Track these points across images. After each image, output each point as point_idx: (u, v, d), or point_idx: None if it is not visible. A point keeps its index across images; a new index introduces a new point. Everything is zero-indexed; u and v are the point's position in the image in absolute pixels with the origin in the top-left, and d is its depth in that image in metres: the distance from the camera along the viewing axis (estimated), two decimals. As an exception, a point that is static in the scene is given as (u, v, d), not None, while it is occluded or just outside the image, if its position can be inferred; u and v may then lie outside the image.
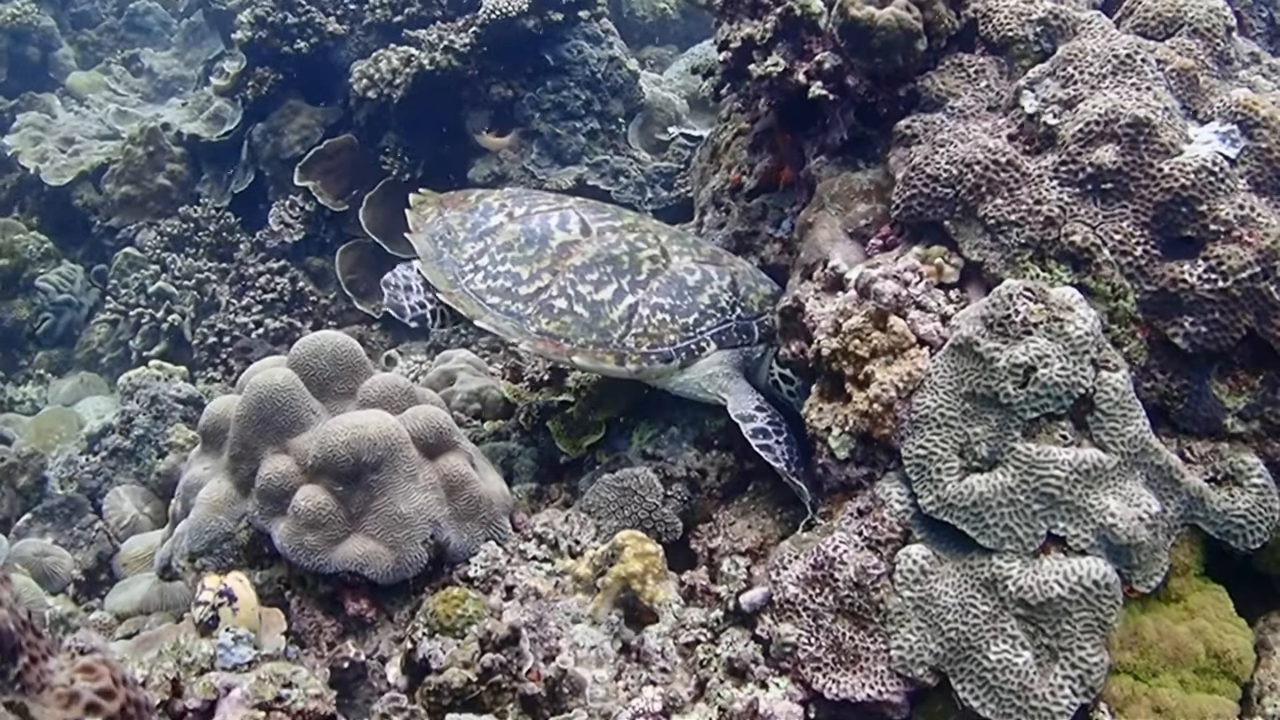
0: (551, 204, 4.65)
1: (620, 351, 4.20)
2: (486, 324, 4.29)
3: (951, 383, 3.32)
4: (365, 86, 7.64)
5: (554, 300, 4.26)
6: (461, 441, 4.04)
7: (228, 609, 3.27)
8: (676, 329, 4.22)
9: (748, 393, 4.25)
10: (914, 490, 3.34)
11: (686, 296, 4.27)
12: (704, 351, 4.23)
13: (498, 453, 4.84)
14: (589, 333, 4.21)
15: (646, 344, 4.20)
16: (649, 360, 4.19)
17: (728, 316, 4.30)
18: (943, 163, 3.70)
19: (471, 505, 3.93)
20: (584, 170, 7.63)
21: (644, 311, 4.23)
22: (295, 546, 3.70)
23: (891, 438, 3.40)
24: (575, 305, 4.24)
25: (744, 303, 4.34)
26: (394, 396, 4.08)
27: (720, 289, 4.32)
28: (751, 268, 4.58)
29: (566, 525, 4.09)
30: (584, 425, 4.71)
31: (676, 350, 4.21)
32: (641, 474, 4.17)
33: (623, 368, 4.19)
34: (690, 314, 4.25)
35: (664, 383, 4.35)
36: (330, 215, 8.06)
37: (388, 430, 3.78)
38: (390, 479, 3.76)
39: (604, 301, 4.24)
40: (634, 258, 4.33)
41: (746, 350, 4.35)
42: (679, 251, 4.42)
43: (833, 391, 3.61)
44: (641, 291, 4.26)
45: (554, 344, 4.22)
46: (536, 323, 4.23)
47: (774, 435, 4.05)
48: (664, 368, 4.21)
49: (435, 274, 4.45)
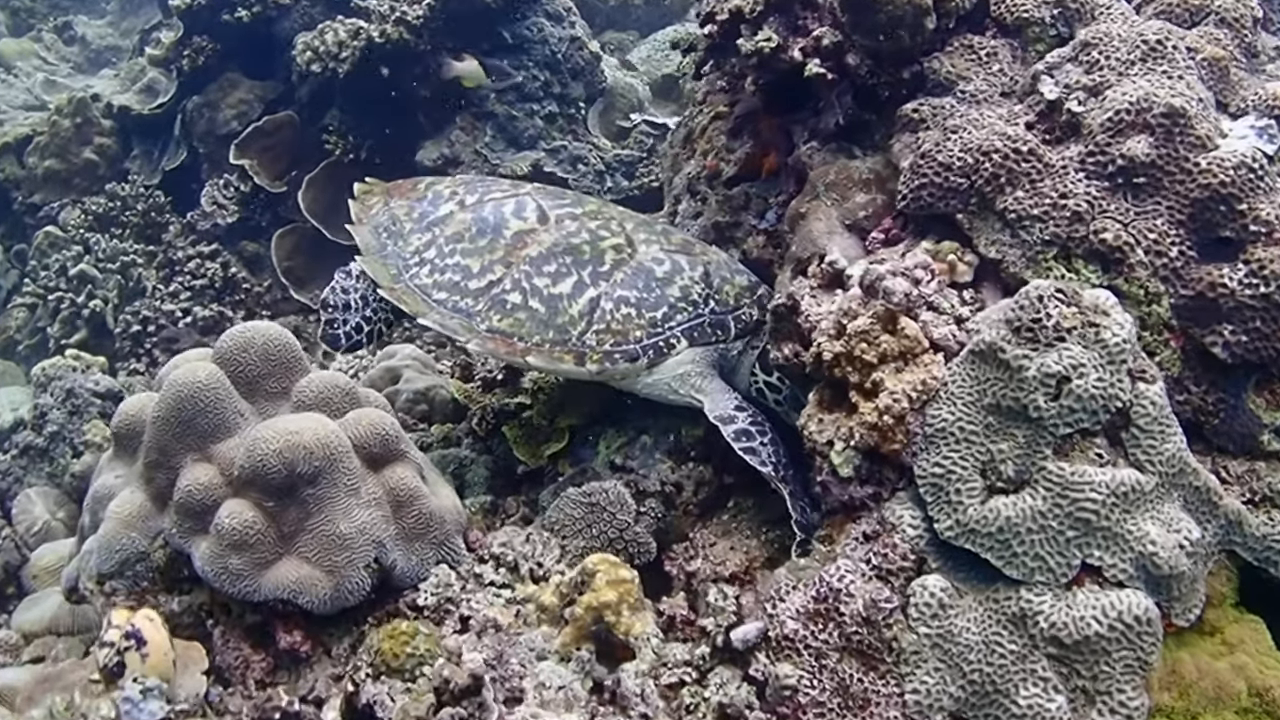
0: (507, 191, 4.25)
1: (580, 350, 3.79)
2: (432, 322, 3.88)
3: (972, 393, 2.96)
4: (309, 60, 7.17)
5: (507, 294, 3.86)
6: (410, 450, 3.60)
7: (135, 654, 2.80)
8: (643, 324, 3.83)
9: (725, 392, 3.88)
10: (929, 513, 2.97)
11: (654, 289, 3.88)
12: (674, 349, 3.84)
13: (448, 461, 4.40)
14: (545, 330, 3.81)
15: (610, 341, 3.80)
16: (612, 359, 3.79)
17: (700, 310, 3.91)
18: (956, 150, 3.34)
19: (421, 523, 3.49)
20: (541, 155, 7.22)
21: (607, 306, 3.83)
22: (219, 570, 3.24)
23: (902, 453, 3.03)
24: (530, 300, 3.85)
25: (718, 295, 3.96)
26: (333, 398, 3.63)
27: (692, 280, 3.94)
28: (726, 257, 4.21)
29: (527, 545, 3.67)
30: (545, 432, 4.29)
31: (643, 348, 3.81)
32: (611, 488, 3.76)
33: (583, 368, 3.79)
34: (658, 308, 3.86)
35: (630, 385, 3.95)
36: (267, 197, 7.68)
37: (326, 437, 3.33)
38: (329, 493, 3.32)
39: (562, 295, 3.85)
40: (596, 247, 3.94)
41: (722, 347, 3.97)
42: (646, 240, 4.03)
43: (833, 401, 3.22)
44: (604, 284, 3.86)
45: (506, 343, 3.81)
46: (487, 320, 3.83)
47: (758, 437, 3.68)
48: (629, 367, 3.81)
49: (377, 268, 4.05)
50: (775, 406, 3.90)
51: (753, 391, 3.97)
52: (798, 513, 3.44)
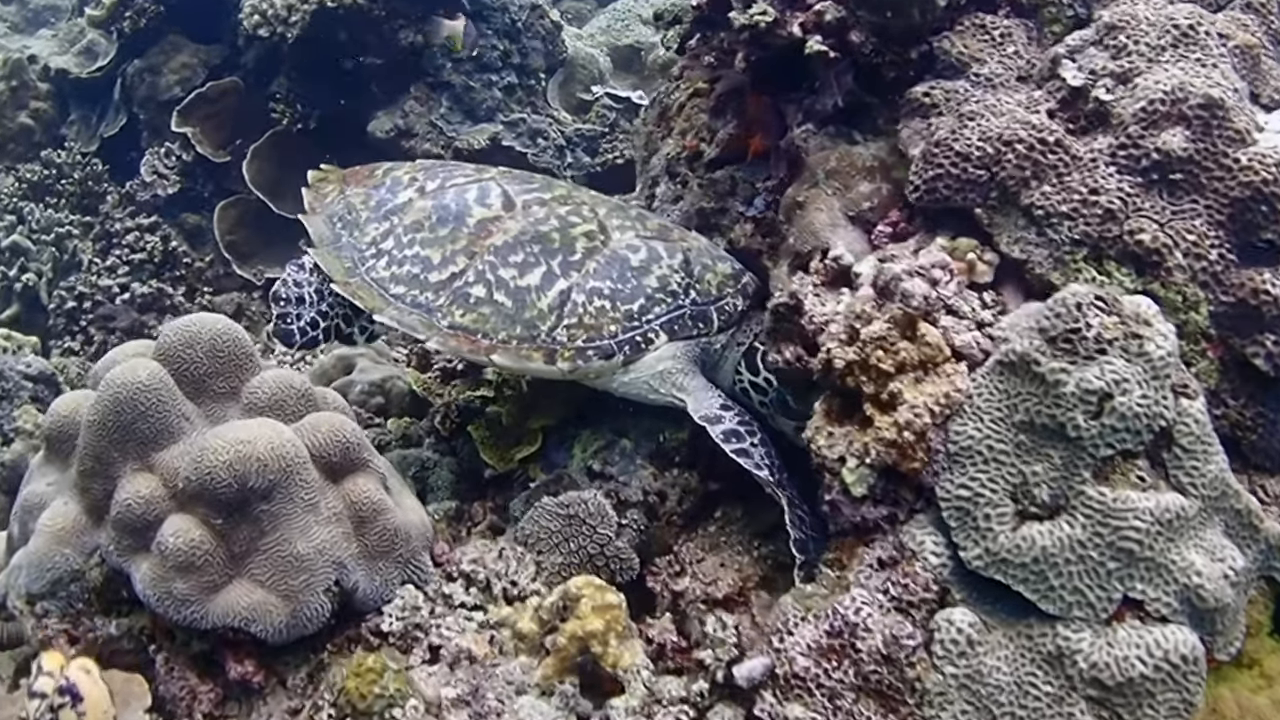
0: (470, 176, 3.95)
1: (550, 347, 3.50)
2: (388, 318, 3.58)
3: (1001, 408, 2.70)
4: (256, 24, 6.81)
5: (470, 288, 3.56)
6: (372, 459, 3.27)
7: (71, 712, 2.45)
8: (618, 318, 3.53)
9: (708, 390, 3.61)
10: (953, 540, 2.71)
11: (630, 279, 3.59)
12: (652, 344, 3.55)
13: (408, 462, 4.06)
14: (512, 325, 3.51)
15: (582, 337, 3.50)
16: (585, 356, 3.50)
17: (680, 301, 3.63)
18: (975, 139, 3.07)
19: (385, 540, 3.17)
20: (499, 128, 6.88)
21: (579, 298, 3.53)
22: (161, 595, 2.90)
23: (922, 473, 2.76)
24: (496, 293, 3.55)
25: (699, 284, 3.68)
26: (288, 400, 3.28)
27: (670, 269, 3.65)
28: (707, 243, 3.92)
29: (500, 562, 3.36)
30: (515, 433, 3.97)
31: (618, 343, 3.52)
32: (591, 499, 3.46)
33: (553, 366, 3.49)
34: (635, 299, 3.57)
35: (606, 383, 3.66)
36: (210, 167, 7.38)
37: (282, 447, 2.99)
38: (285, 509, 2.98)
39: (530, 287, 3.55)
40: (566, 235, 3.65)
41: (704, 341, 3.69)
42: (620, 226, 3.74)
43: (844, 412, 2.95)
44: (575, 274, 3.56)
45: (470, 340, 3.51)
46: (449, 315, 3.54)
47: (748, 438, 3.42)
48: (604, 365, 3.52)
49: (330, 261, 3.73)
50: (760, 409, 3.64)
51: (736, 391, 3.69)
52: (796, 527, 3.17)
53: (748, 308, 3.75)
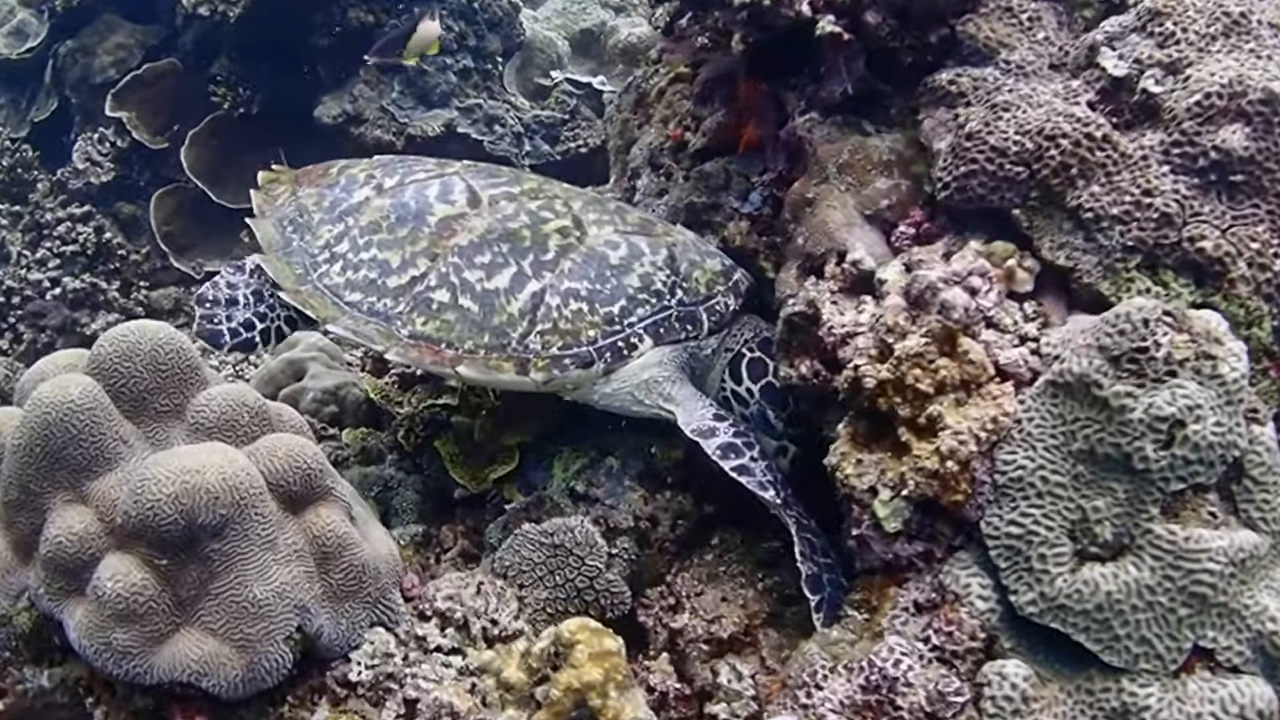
0: (432, 171, 3.60)
1: (522, 356, 3.17)
2: (343, 328, 3.27)
3: (1056, 435, 2.41)
4: (196, 1, 6.40)
5: (432, 292, 3.24)
6: (336, 485, 2.89)
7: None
8: (597, 321, 3.21)
9: (698, 399, 3.30)
10: (1002, 582, 2.42)
11: (609, 278, 3.27)
12: (636, 349, 3.24)
13: (369, 482, 3.70)
14: (479, 333, 3.19)
15: (557, 344, 3.18)
16: (562, 365, 3.17)
17: (666, 302, 3.31)
18: (1011, 132, 2.77)
19: (352, 578, 2.80)
20: (454, 115, 6.50)
21: (553, 301, 3.21)
22: (99, 646, 2.52)
23: (966, 506, 2.46)
24: (461, 297, 3.23)
25: (686, 283, 3.36)
26: (240, 420, 2.89)
27: (654, 266, 3.33)
28: (695, 238, 3.60)
29: (479, 599, 3.01)
30: (488, 451, 3.62)
31: (598, 350, 3.20)
32: (578, 526, 3.13)
33: (526, 377, 3.17)
34: (615, 301, 3.25)
35: (585, 395, 3.33)
36: (146, 153, 6.93)
37: (235, 476, 2.61)
38: (239, 548, 2.61)
39: (499, 290, 3.23)
40: (538, 231, 3.32)
41: (693, 345, 3.38)
42: (597, 221, 3.42)
43: (872, 436, 2.65)
44: (549, 275, 3.23)
45: (433, 351, 3.20)
46: (409, 323, 3.23)
47: (747, 452, 3.11)
48: (582, 374, 3.19)
49: (280, 268, 3.39)
50: (744, 420, 3.34)
51: (719, 400, 3.39)
52: (807, 560, 2.87)
53: (740, 307, 3.44)
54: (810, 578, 2.84)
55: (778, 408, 3.29)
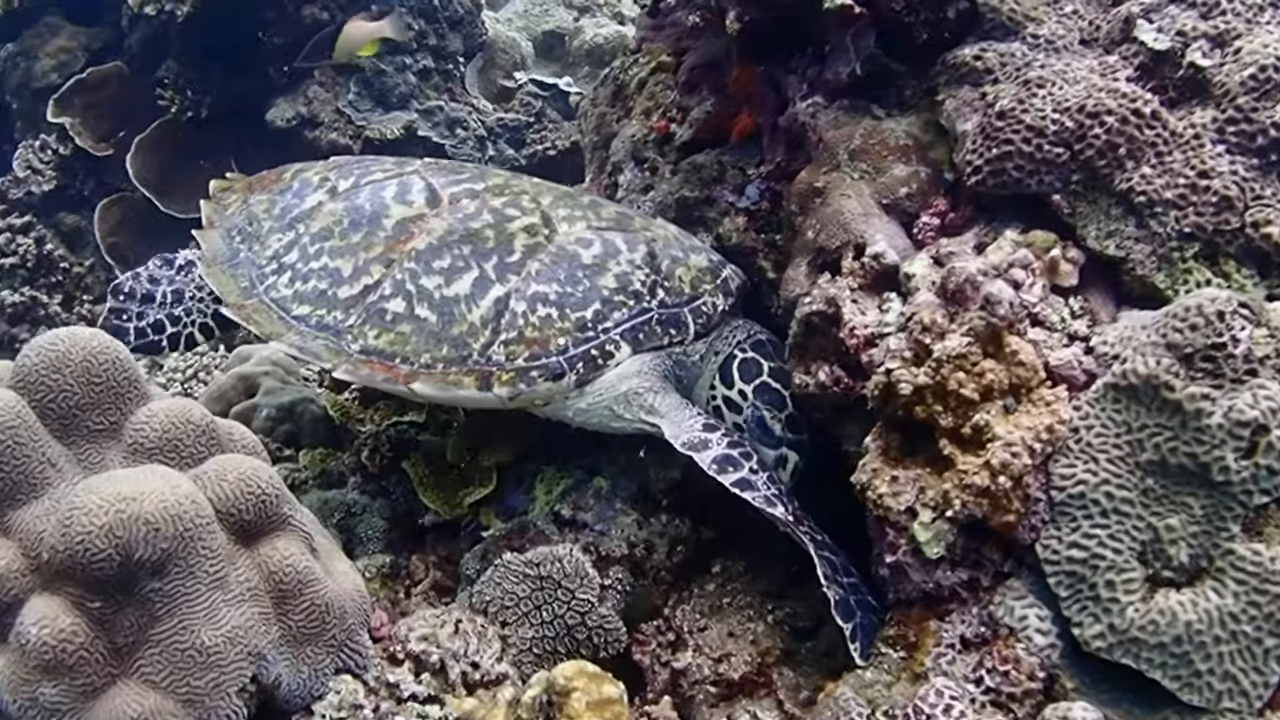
0: (390, 170, 3.30)
1: (484, 370, 2.86)
2: (288, 345, 2.97)
3: (1121, 445, 2.12)
4: (142, 1, 6.11)
5: (386, 302, 2.94)
6: (294, 513, 2.54)
7: None
8: (568, 328, 2.90)
9: (685, 408, 2.98)
10: (1063, 612, 2.12)
11: (582, 279, 2.96)
12: (612, 357, 2.92)
13: (330, 507, 3.35)
14: (437, 345, 2.89)
15: (524, 354, 2.87)
16: (528, 379, 2.85)
17: (645, 303, 2.99)
18: (1049, 110, 2.49)
19: (314, 619, 2.45)
20: (414, 117, 6.19)
21: (518, 306, 2.90)
22: (24, 702, 2.16)
23: (1018, 527, 2.16)
24: (417, 306, 2.93)
25: (668, 282, 3.04)
26: (184, 439, 2.53)
27: (631, 264, 3.02)
28: (678, 232, 3.28)
29: (458, 639, 2.67)
30: (463, 471, 3.29)
31: (569, 360, 2.88)
32: (567, 556, 2.80)
33: (489, 393, 2.85)
34: (588, 304, 2.94)
35: (558, 411, 3.02)
36: (91, 161, 6.66)
37: (178, 504, 2.25)
38: (183, 587, 2.25)
39: (459, 297, 2.92)
40: (503, 231, 3.01)
41: (678, 351, 3.06)
42: (569, 217, 3.11)
43: (905, 449, 2.35)
44: (514, 278, 2.93)
45: (386, 367, 2.89)
46: (361, 337, 2.92)
47: (745, 464, 2.78)
48: (552, 388, 2.87)
49: (224, 282, 3.13)
50: (732, 427, 3.00)
51: (710, 410, 3.07)
52: (833, 584, 2.54)
53: (730, 307, 3.13)
54: (839, 603, 2.51)
55: (775, 409, 2.97)
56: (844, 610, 2.50)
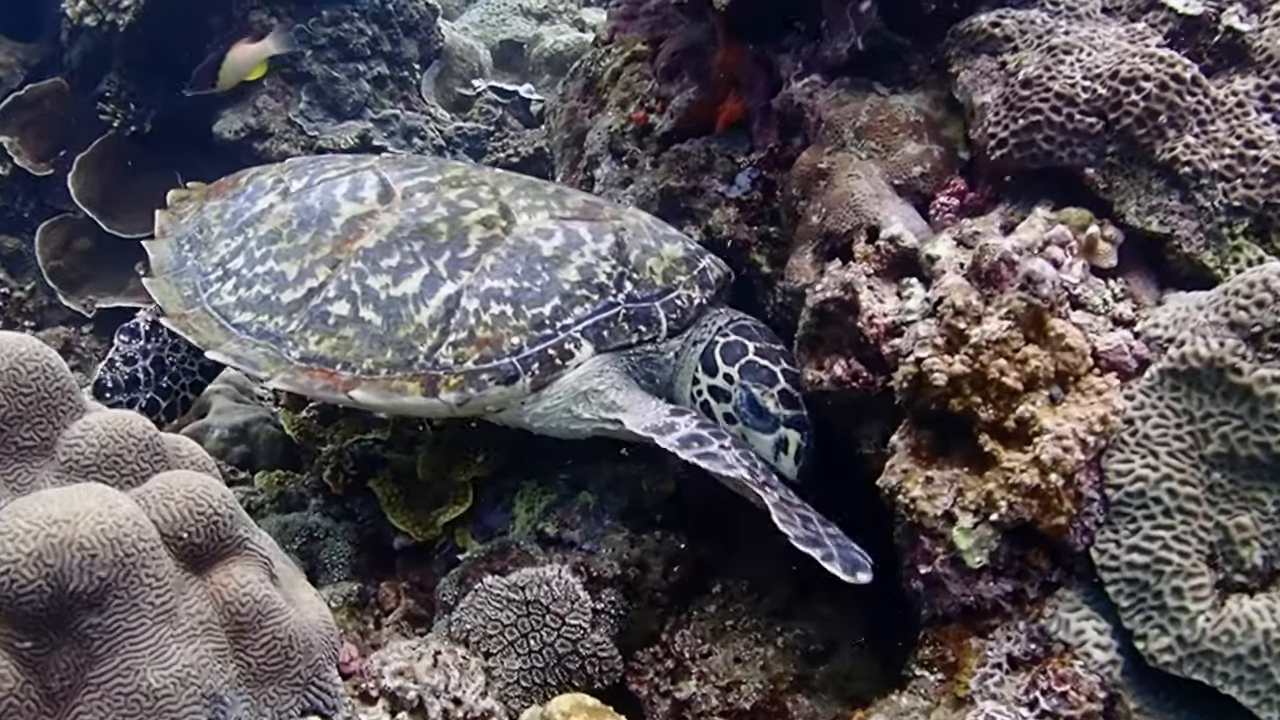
0: (344, 168, 3.08)
1: (430, 374, 2.62)
2: (223, 355, 2.76)
3: (1183, 437, 1.91)
4: (83, 11, 5.82)
5: (330, 305, 2.72)
6: (251, 536, 2.26)
7: None
8: (523, 326, 2.65)
9: (649, 400, 2.72)
10: (1125, 625, 1.89)
11: (541, 273, 2.71)
12: (572, 357, 2.65)
13: (290, 532, 3.06)
14: (380, 349, 2.65)
15: (474, 356, 2.62)
16: (478, 382, 2.60)
17: (611, 298, 2.73)
18: (1079, 77, 2.29)
19: (276, 655, 2.17)
20: (368, 126, 5.92)
21: (470, 304, 2.66)
22: (-64, 765, 1.86)
23: (1069, 531, 1.93)
24: (362, 308, 2.70)
25: (637, 274, 2.78)
26: (125, 455, 2.24)
27: (596, 256, 2.76)
28: (650, 219, 3.01)
29: (437, 674, 2.39)
30: (435, 489, 3.02)
31: (523, 361, 2.62)
32: (555, 578, 2.53)
33: (435, 399, 2.60)
34: (546, 300, 2.68)
35: (514, 417, 2.77)
36: (31, 182, 6.31)
37: (117, 527, 1.97)
38: (125, 622, 1.97)
39: (407, 297, 2.69)
40: (457, 224, 2.78)
41: (649, 350, 2.79)
42: (529, 207, 2.87)
43: (937, 447, 2.12)
44: (467, 274, 2.69)
45: (325, 374, 2.66)
46: (301, 343, 2.70)
47: (715, 440, 2.54)
48: (505, 392, 2.62)
49: (166, 291, 2.94)
50: (727, 424, 2.71)
51: (697, 406, 2.78)
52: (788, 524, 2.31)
53: (709, 300, 2.86)
54: (803, 538, 2.29)
55: (765, 385, 2.65)
56: (811, 541, 2.28)
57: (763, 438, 2.65)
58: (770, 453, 2.62)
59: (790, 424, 2.62)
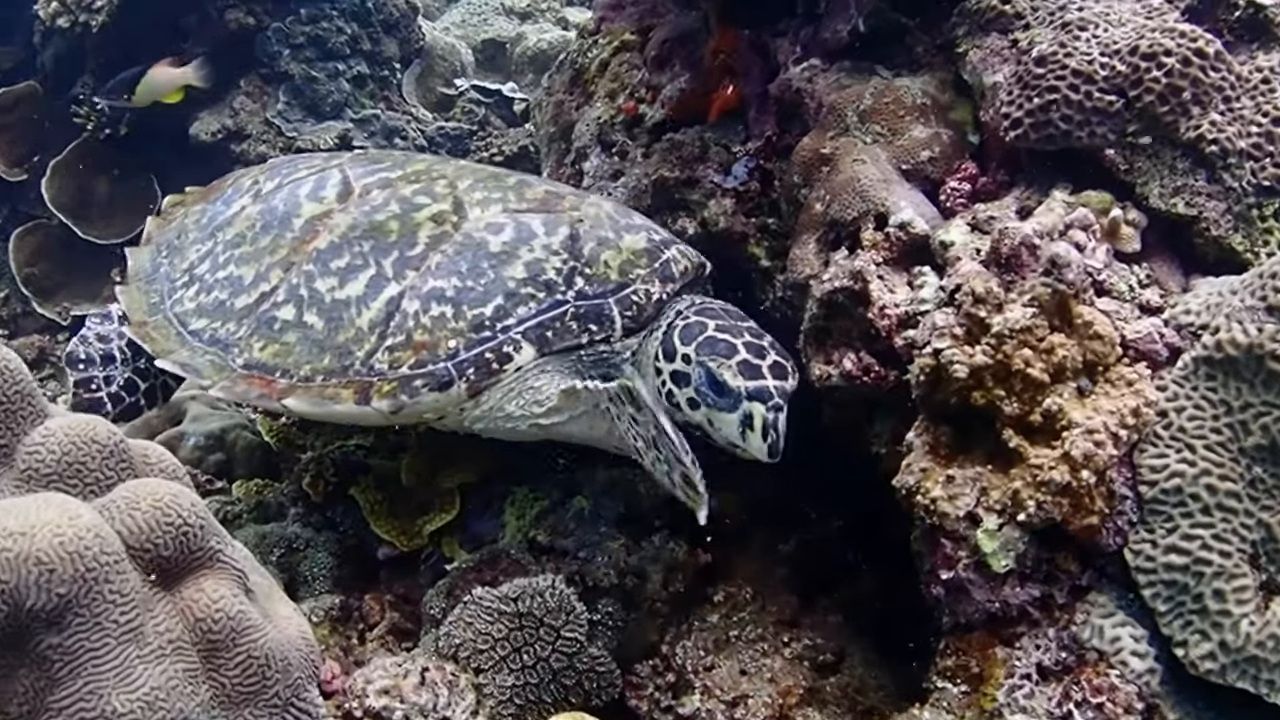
0: (315, 167, 2.96)
1: (364, 380, 2.46)
2: (172, 363, 2.65)
3: (1221, 429, 1.79)
4: (55, 12, 5.68)
5: (278, 310, 2.60)
6: (224, 548, 2.11)
7: None
8: (461, 328, 2.47)
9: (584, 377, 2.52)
10: (1164, 630, 1.77)
11: (485, 271, 2.52)
12: (510, 360, 2.45)
13: (268, 544, 2.90)
14: (319, 355, 2.52)
15: (409, 361, 2.45)
16: (411, 389, 2.43)
17: (559, 295, 2.51)
18: (1097, 54, 2.18)
19: (252, 674, 2.02)
20: (348, 127, 5.77)
21: (410, 306, 2.50)
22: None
23: (1101, 531, 1.81)
24: (306, 313, 2.57)
25: (590, 268, 2.55)
26: (88, 463, 2.09)
27: (546, 250, 2.56)
28: (613, 209, 2.78)
29: (424, 692, 2.25)
30: (420, 496, 2.87)
31: (458, 365, 2.44)
32: (549, 588, 2.39)
33: (367, 407, 2.44)
34: (489, 299, 2.49)
35: (457, 423, 2.59)
36: (4, 187, 6.22)
37: (77, 539, 1.83)
38: (88, 642, 1.82)
39: (350, 300, 2.55)
40: (408, 222, 2.63)
41: (601, 350, 2.56)
42: (484, 200, 2.68)
43: (957, 443, 1.99)
44: (412, 274, 2.53)
45: (263, 381, 2.53)
46: (247, 350, 2.58)
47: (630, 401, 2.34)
48: (439, 398, 2.44)
49: (133, 299, 2.88)
50: (690, 412, 2.42)
51: (663, 400, 2.48)
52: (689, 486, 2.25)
53: (671, 294, 2.60)
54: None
55: (723, 357, 2.35)
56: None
57: (727, 418, 2.34)
58: (737, 434, 2.32)
59: (753, 396, 2.29)
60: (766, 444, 2.26)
